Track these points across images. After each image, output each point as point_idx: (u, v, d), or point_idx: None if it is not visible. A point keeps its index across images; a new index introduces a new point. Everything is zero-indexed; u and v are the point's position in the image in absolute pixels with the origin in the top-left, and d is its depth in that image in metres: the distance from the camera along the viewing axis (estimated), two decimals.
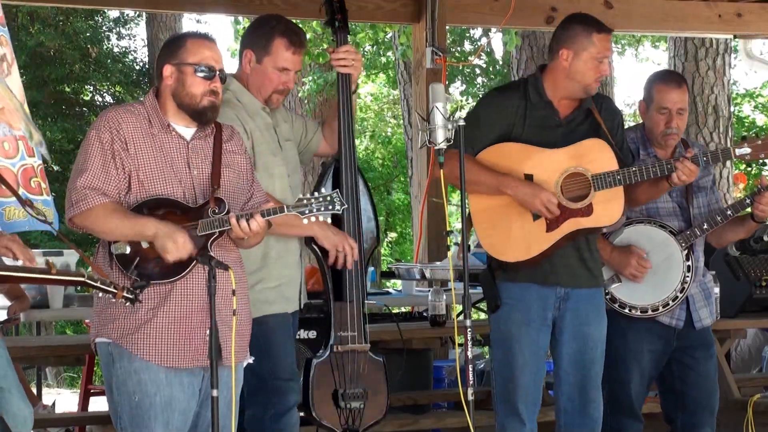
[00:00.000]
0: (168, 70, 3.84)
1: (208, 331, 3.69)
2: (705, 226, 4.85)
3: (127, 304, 3.63)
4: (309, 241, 4.58)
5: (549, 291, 4.52)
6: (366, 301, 4.69)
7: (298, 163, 4.72)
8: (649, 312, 4.84)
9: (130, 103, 4.05)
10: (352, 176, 4.67)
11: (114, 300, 3.62)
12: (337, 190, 3.81)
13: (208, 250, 3.74)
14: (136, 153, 3.78)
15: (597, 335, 4.59)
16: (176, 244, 3.67)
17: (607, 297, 4.81)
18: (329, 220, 4.49)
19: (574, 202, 4.45)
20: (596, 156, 4.48)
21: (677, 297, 4.84)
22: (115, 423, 3.84)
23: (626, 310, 4.84)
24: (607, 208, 4.48)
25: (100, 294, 3.62)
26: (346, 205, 3.89)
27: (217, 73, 3.84)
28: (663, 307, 4.84)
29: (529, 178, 4.48)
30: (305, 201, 3.74)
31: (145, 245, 3.72)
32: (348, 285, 4.62)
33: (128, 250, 3.72)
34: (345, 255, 4.52)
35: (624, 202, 4.51)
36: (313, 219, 3.76)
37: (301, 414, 4.60)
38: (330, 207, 3.74)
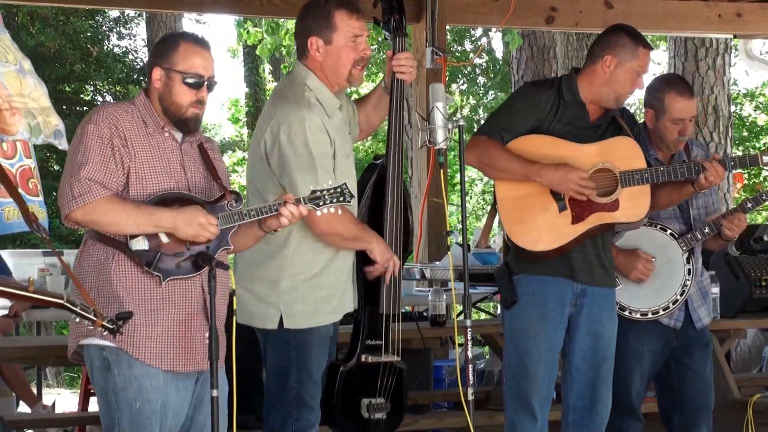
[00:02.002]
0: (157, 73, 3.78)
1: (207, 334, 3.67)
2: (707, 230, 4.87)
3: (105, 333, 3.42)
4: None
5: (566, 287, 4.54)
6: (399, 313, 4.56)
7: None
8: (650, 315, 4.86)
9: (121, 102, 3.95)
10: (399, 186, 4.47)
11: (92, 327, 3.39)
12: (345, 183, 3.79)
13: (228, 244, 3.74)
14: (135, 151, 3.73)
15: (609, 334, 4.62)
16: (202, 227, 3.64)
17: None
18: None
19: (600, 197, 4.49)
20: (625, 153, 4.52)
21: (677, 300, 4.86)
22: (110, 428, 3.73)
23: (626, 313, 4.85)
24: (632, 205, 4.51)
25: (76, 318, 3.38)
26: (355, 197, 3.84)
27: (205, 82, 3.78)
28: (663, 310, 4.86)
29: None
30: (318, 193, 3.76)
31: (165, 240, 3.65)
32: (385, 295, 4.51)
33: (147, 245, 3.63)
34: (388, 269, 4.40)
35: (650, 200, 4.54)
36: (325, 211, 3.76)
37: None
38: (341, 199, 3.77)
